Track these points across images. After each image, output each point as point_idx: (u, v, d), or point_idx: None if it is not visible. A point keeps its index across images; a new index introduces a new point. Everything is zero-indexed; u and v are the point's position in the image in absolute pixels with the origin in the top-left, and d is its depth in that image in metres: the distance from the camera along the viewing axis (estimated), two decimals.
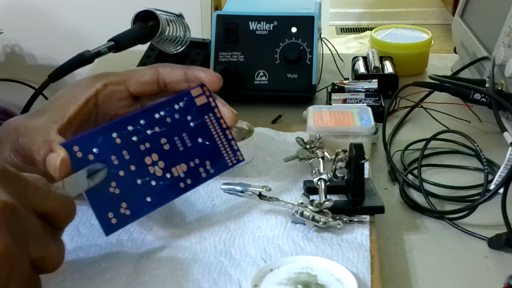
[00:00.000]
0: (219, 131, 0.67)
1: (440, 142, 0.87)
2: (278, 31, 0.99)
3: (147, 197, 0.62)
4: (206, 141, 0.66)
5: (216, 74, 0.67)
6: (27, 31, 2.19)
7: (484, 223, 0.71)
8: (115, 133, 0.61)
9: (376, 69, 1.04)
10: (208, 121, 0.66)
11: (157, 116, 0.64)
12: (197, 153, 0.65)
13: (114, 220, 0.60)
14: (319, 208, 0.65)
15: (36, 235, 0.50)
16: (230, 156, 0.67)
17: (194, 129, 0.65)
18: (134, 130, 0.62)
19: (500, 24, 0.92)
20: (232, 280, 0.59)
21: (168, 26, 0.97)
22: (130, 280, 0.59)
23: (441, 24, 4.03)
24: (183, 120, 0.65)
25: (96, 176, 0.59)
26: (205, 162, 0.65)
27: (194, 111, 0.66)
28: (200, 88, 0.67)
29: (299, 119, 0.93)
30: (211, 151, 0.66)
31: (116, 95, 0.67)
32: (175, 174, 0.63)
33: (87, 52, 0.85)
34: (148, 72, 0.67)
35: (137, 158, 0.62)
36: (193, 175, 0.65)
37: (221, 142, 0.67)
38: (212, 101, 0.67)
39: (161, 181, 0.63)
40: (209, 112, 0.66)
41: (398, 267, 0.64)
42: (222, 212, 0.69)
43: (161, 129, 0.64)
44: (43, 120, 0.62)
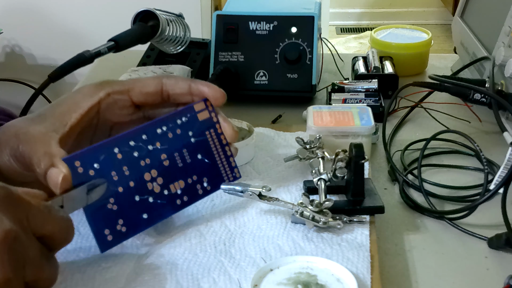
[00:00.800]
0: (218, 148, 0.67)
1: (440, 142, 0.87)
2: (278, 31, 0.99)
3: (143, 214, 0.62)
4: (205, 158, 0.66)
5: (220, 90, 0.67)
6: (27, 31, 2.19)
7: (484, 223, 0.71)
8: (117, 148, 0.61)
9: (376, 69, 1.04)
10: (209, 137, 0.67)
11: (159, 131, 0.64)
12: (196, 170, 0.65)
13: (110, 237, 0.60)
14: (319, 208, 0.65)
15: (33, 260, 0.50)
16: (228, 174, 0.68)
17: (195, 145, 0.66)
18: (136, 145, 0.62)
19: (500, 24, 0.92)
20: (232, 280, 0.59)
21: (168, 26, 0.97)
22: (130, 280, 0.59)
23: (441, 24, 4.03)
24: (184, 136, 0.65)
25: (95, 192, 0.59)
26: (203, 179, 0.66)
27: (196, 126, 0.66)
28: (203, 103, 0.67)
29: (299, 119, 0.93)
30: (210, 168, 0.66)
31: (118, 104, 0.67)
32: (173, 191, 0.64)
33: (87, 52, 0.85)
34: (152, 83, 0.67)
35: (137, 174, 0.62)
36: (190, 192, 0.65)
37: (220, 159, 0.67)
38: (214, 116, 0.67)
39: (159, 198, 0.63)
40: (210, 127, 0.67)
41: (398, 267, 0.64)
42: (222, 212, 0.69)
43: (162, 145, 0.64)
44: (44, 127, 0.62)
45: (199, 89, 0.67)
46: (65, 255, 0.62)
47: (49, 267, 0.53)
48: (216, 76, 0.98)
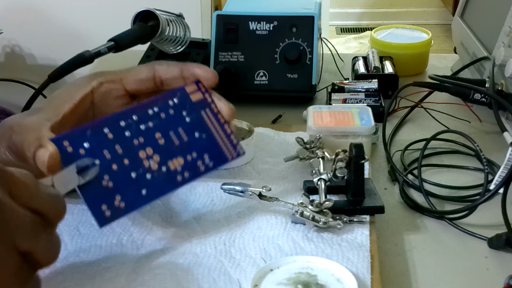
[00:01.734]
0: (216, 126, 0.66)
1: (440, 142, 0.87)
2: (278, 31, 0.99)
3: (142, 190, 0.61)
4: (203, 135, 0.65)
5: (212, 71, 0.67)
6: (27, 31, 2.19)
7: (484, 223, 0.71)
8: (107, 129, 0.61)
9: (376, 69, 1.04)
10: (204, 116, 0.66)
11: (150, 112, 0.63)
12: (195, 147, 0.64)
13: (108, 213, 0.59)
14: (319, 208, 0.65)
15: (23, 228, 0.49)
16: (230, 150, 0.66)
17: (190, 124, 0.65)
18: (127, 125, 0.62)
19: (500, 24, 0.92)
20: (232, 280, 0.59)
21: (168, 26, 0.97)
22: (130, 280, 0.59)
23: (441, 24, 4.03)
24: (178, 116, 0.65)
25: (87, 173, 0.59)
26: (203, 155, 0.65)
27: (189, 106, 0.65)
28: (195, 84, 0.66)
29: (299, 119, 0.93)
30: (209, 145, 0.65)
31: (112, 94, 0.67)
32: (172, 168, 0.63)
33: (87, 52, 0.85)
34: (144, 70, 0.67)
35: (131, 152, 0.61)
36: (191, 169, 0.64)
37: (220, 136, 0.66)
38: (208, 97, 0.66)
39: (157, 174, 0.62)
40: (205, 107, 0.66)
41: (398, 267, 0.64)
42: (222, 212, 0.69)
43: (155, 125, 0.63)
44: (37, 117, 0.62)
45: (190, 72, 0.67)
46: (65, 254, 0.62)
47: (46, 239, 0.51)
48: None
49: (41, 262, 0.52)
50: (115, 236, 0.65)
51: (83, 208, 0.69)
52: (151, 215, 0.69)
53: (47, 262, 0.52)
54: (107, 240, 0.64)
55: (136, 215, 0.68)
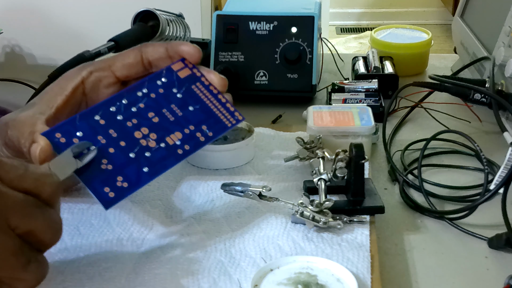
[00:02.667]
0: (210, 97, 0.66)
1: (440, 142, 0.87)
2: (278, 31, 0.99)
3: (143, 168, 0.61)
4: (198, 108, 0.65)
5: (195, 46, 0.67)
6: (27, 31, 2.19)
7: (484, 223, 0.71)
8: (98, 116, 0.62)
9: (376, 69, 1.04)
10: (196, 90, 0.66)
11: (139, 94, 0.64)
12: (191, 120, 0.65)
13: (112, 194, 0.59)
14: (319, 208, 0.65)
15: (16, 208, 0.49)
16: (228, 118, 0.66)
17: (183, 99, 0.65)
18: (117, 110, 0.63)
19: (500, 24, 0.92)
20: (232, 280, 0.59)
21: (168, 26, 0.97)
22: (130, 280, 0.59)
23: (441, 24, 4.03)
24: (168, 93, 0.65)
25: (85, 156, 0.58)
26: (201, 127, 0.65)
27: (178, 83, 0.66)
28: (181, 62, 0.67)
29: (299, 119, 0.93)
30: (206, 116, 0.65)
31: (103, 82, 0.67)
32: (170, 143, 0.63)
33: (87, 52, 0.85)
34: (131, 53, 0.68)
35: (126, 134, 0.62)
36: (191, 141, 0.64)
37: (215, 106, 0.66)
38: (196, 72, 0.67)
39: (156, 151, 0.62)
40: (195, 82, 0.66)
41: (398, 267, 0.64)
42: (222, 212, 0.69)
43: (147, 105, 0.64)
44: (31, 112, 0.63)
45: (174, 49, 0.67)
46: (65, 254, 0.62)
47: (43, 218, 0.51)
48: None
49: (43, 241, 0.52)
50: (115, 235, 0.65)
51: (82, 208, 0.69)
52: (151, 215, 0.69)
53: (49, 241, 0.52)
54: (107, 240, 0.64)
55: (136, 215, 0.68)
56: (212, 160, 0.78)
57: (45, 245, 0.52)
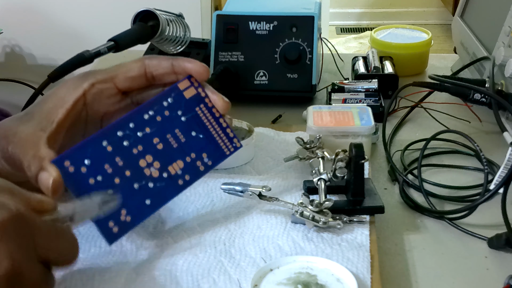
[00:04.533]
0: (212, 121, 0.65)
1: (440, 142, 0.87)
2: (278, 31, 0.99)
3: (146, 200, 0.61)
4: (200, 133, 0.65)
5: (203, 65, 0.66)
6: (27, 31, 2.19)
7: (484, 223, 0.71)
8: (105, 141, 0.60)
9: (376, 69, 1.04)
10: (200, 112, 0.65)
11: (146, 116, 0.63)
12: (193, 147, 0.64)
13: (116, 229, 0.59)
14: (319, 208, 0.65)
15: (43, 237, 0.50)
16: (227, 145, 0.66)
17: (186, 123, 0.64)
18: (124, 135, 0.61)
19: (500, 24, 0.92)
20: (232, 280, 0.59)
21: (168, 26, 0.97)
22: (129, 280, 0.59)
23: (441, 24, 4.03)
24: (173, 116, 0.64)
25: (107, 205, 0.58)
26: (202, 155, 0.64)
27: (183, 105, 0.64)
28: (188, 80, 0.65)
29: (299, 119, 0.93)
30: (207, 143, 0.65)
31: (104, 93, 0.66)
32: (172, 173, 0.63)
33: (87, 52, 0.85)
34: (135, 66, 0.66)
35: (131, 162, 0.61)
36: (191, 170, 0.64)
37: (216, 131, 0.65)
38: (201, 92, 0.65)
39: (159, 182, 0.62)
40: (199, 103, 0.65)
41: (398, 267, 0.64)
42: (222, 212, 0.69)
43: (152, 130, 0.63)
44: (31, 127, 0.61)
45: (181, 66, 0.65)
46: None
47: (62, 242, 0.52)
48: (216, 76, 0.98)
49: (60, 264, 0.53)
50: None
51: None
52: (150, 216, 0.68)
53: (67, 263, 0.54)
54: None
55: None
56: None
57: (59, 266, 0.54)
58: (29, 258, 0.49)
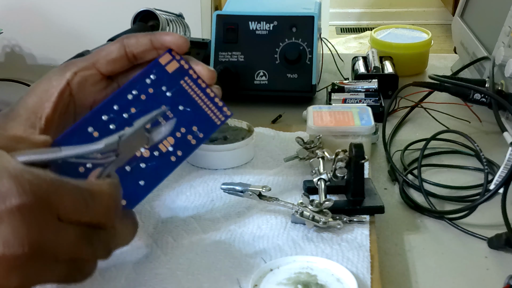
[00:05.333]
0: (199, 93, 0.64)
1: (440, 142, 0.87)
2: (278, 31, 0.99)
3: (140, 181, 0.60)
4: (187, 107, 0.63)
5: (181, 37, 0.64)
6: (27, 31, 2.19)
7: (484, 223, 0.71)
8: (91, 127, 0.59)
9: (376, 69, 1.04)
10: (185, 85, 0.63)
11: (130, 97, 0.61)
12: (182, 122, 0.62)
13: None
14: (319, 208, 0.65)
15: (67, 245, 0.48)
16: (217, 114, 0.64)
17: (172, 98, 0.63)
18: (110, 118, 0.60)
19: (500, 24, 0.92)
20: (232, 280, 0.59)
21: (168, 26, 0.97)
22: (129, 280, 0.59)
23: (441, 24, 4.03)
24: (158, 93, 0.62)
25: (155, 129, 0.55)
26: (192, 128, 0.63)
27: (167, 80, 0.63)
28: (169, 54, 0.64)
29: (299, 119, 0.93)
30: (196, 115, 0.63)
31: (89, 81, 0.64)
32: (164, 150, 0.61)
33: (86, 52, 0.85)
34: (114, 48, 0.64)
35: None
36: (183, 145, 0.62)
37: (204, 102, 0.64)
38: (184, 64, 0.64)
39: (150, 161, 0.60)
40: (183, 76, 0.64)
41: (398, 267, 0.64)
42: (222, 212, 0.69)
43: (138, 109, 0.61)
44: (20, 123, 0.59)
45: (160, 41, 0.64)
46: None
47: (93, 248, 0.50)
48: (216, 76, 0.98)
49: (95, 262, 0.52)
50: None
51: None
52: (151, 215, 0.69)
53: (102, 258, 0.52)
54: None
55: (136, 216, 0.68)
56: (212, 160, 0.78)
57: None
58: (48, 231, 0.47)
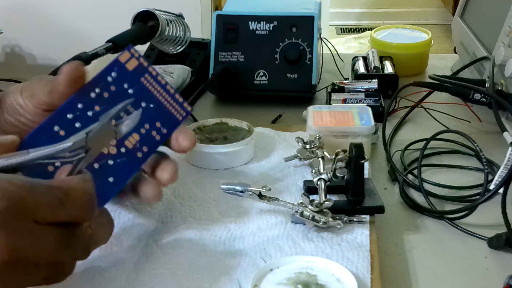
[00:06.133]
0: (159, 89, 0.64)
1: (440, 142, 0.87)
2: (278, 31, 0.99)
3: (109, 178, 0.60)
4: (150, 103, 0.64)
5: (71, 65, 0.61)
6: (27, 31, 2.19)
7: (484, 223, 0.71)
8: (57, 126, 0.59)
9: (376, 69, 1.04)
10: (145, 82, 0.64)
11: (93, 95, 0.61)
12: (145, 118, 0.63)
13: None
14: (319, 208, 0.65)
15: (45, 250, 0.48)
16: (178, 110, 0.65)
17: (134, 95, 0.63)
18: (75, 117, 0.60)
19: (500, 24, 0.92)
20: (232, 280, 0.59)
21: (168, 26, 0.97)
22: (130, 280, 0.59)
23: (441, 24, 4.03)
24: (120, 90, 0.63)
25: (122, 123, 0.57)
26: (155, 124, 0.63)
27: (128, 77, 0.63)
28: (128, 51, 0.64)
29: (299, 119, 0.93)
30: (158, 111, 0.64)
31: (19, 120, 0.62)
32: (130, 147, 0.62)
33: (84, 53, 0.85)
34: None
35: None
36: (148, 142, 0.63)
37: (165, 99, 0.64)
38: (143, 61, 0.64)
39: (118, 158, 0.61)
40: (143, 73, 0.64)
41: (398, 267, 0.64)
42: (222, 212, 0.69)
43: (102, 107, 0.61)
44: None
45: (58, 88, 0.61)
46: None
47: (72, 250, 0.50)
48: (216, 76, 0.98)
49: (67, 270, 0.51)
50: (115, 236, 0.65)
51: None
52: (151, 215, 0.69)
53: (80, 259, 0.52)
54: None
55: (136, 216, 0.68)
56: (212, 160, 0.78)
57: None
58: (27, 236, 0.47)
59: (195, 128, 0.83)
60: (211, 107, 1.01)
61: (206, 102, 1.02)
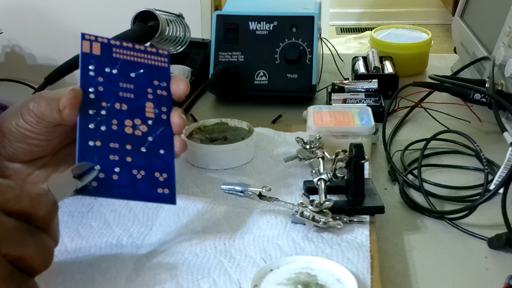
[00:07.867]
0: (133, 53, 0.65)
1: (440, 142, 0.87)
2: (278, 31, 0.99)
3: (160, 151, 0.62)
4: (137, 70, 0.65)
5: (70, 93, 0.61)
6: (27, 31, 2.19)
7: (484, 223, 0.71)
8: (91, 141, 0.60)
9: (376, 69, 1.04)
10: (118, 55, 0.65)
11: (92, 96, 0.62)
12: (144, 84, 0.64)
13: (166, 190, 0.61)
14: (319, 208, 0.65)
15: (8, 235, 0.48)
16: (159, 59, 0.66)
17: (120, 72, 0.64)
18: (96, 124, 0.61)
19: (500, 24, 0.92)
20: (232, 280, 0.59)
21: (168, 26, 0.97)
22: (130, 280, 0.59)
23: (441, 24, 4.03)
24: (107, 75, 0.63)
25: (86, 177, 0.58)
26: (154, 83, 0.65)
27: (102, 61, 0.64)
28: (84, 39, 0.64)
29: (299, 119, 0.93)
30: (148, 72, 0.65)
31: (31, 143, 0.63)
32: (152, 116, 0.63)
33: None
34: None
35: (122, 137, 0.61)
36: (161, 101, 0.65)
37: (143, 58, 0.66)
38: (102, 39, 0.65)
39: (152, 130, 0.63)
40: (111, 48, 0.65)
41: (398, 267, 0.64)
42: (222, 212, 0.69)
43: (107, 100, 0.62)
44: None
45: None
46: (65, 255, 0.62)
47: (34, 244, 0.50)
48: (216, 76, 0.98)
49: (33, 267, 0.51)
50: (115, 237, 0.65)
51: (82, 211, 0.69)
52: (150, 215, 0.69)
53: (40, 267, 0.51)
54: (107, 241, 0.64)
55: (136, 216, 0.68)
56: (212, 160, 0.78)
57: (35, 271, 0.51)
58: None
59: (195, 129, 0.83)
60: (211, 107, 1.01)
61: (206, 102, 1.02)
